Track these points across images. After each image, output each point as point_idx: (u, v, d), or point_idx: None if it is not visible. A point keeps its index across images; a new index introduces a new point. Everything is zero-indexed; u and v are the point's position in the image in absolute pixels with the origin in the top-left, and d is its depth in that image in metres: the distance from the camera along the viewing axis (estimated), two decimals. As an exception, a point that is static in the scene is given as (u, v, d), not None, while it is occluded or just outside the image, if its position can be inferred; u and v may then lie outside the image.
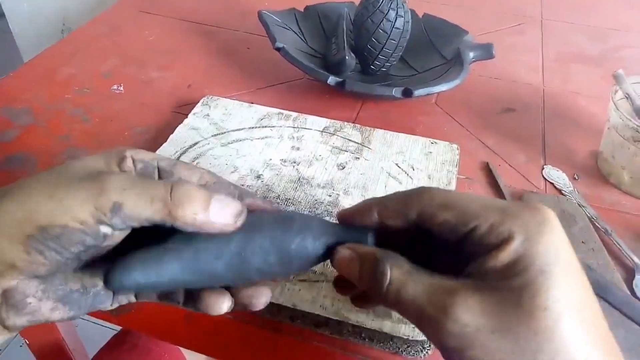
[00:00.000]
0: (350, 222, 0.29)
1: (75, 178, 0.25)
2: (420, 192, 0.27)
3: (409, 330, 0.35)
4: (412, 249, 0.27)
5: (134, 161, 0.29)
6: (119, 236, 0.26)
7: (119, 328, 0.74)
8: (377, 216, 0.28)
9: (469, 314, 0.22)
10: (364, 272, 0.27)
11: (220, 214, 0.26)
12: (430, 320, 0.23)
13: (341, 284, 0.32)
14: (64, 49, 0.71)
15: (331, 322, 0.36)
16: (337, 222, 0.30)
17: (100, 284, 0.28)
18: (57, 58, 0.69)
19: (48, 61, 0.68)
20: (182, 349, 0.66)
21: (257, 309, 0.29)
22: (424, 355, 0.35)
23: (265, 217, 0.29)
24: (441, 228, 0.25)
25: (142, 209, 0.25)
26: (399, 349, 0.36)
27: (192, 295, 0.29)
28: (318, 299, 0.37)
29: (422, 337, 0.35)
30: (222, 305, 0.29)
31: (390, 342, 0.36)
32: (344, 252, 0.28)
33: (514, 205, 0.24)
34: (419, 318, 0.24)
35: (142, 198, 0.25)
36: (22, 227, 0.23)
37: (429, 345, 0.35)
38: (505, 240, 0.23)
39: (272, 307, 0.37)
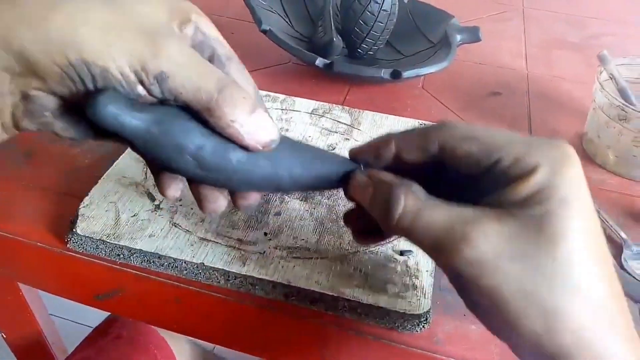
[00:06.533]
0: (364, 158, 0.29)
1: (133, 23, 0.24)
2: (441, 125, 0.27)
3: (405, 305, 0.35)
4: (428, 185, 0.27)
5: (196, 29, 0.27)
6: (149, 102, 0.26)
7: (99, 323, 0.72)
8: (394, 149, 0.28)
9: (487, 241, 0.22)
10: (378, 197, 0.27)
11: (257, 133, 0.26)
12: (447, 248, 0.23)
13: (349, 219, 0.33)
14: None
15: (326, 298, 0.36)
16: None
17: None
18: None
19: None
20: (166, 338, 0.64)
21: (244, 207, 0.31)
22: (420, 329, 0.35)
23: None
24: (463, 161, 0.25)
25: (187, 91, 0.24)
26: (395, 323, 0.35)
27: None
28: (313, 275, 0.37)
29: (418, 311, 0.35)
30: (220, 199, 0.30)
31: (387, 317, 0.35)
32: (360, 177, 0.28)
33: (537, 139, 0.25)
34: (433, 246, 0.24)
35: (191, 82, 0.24)
36: (66, 50, 0.23)
37: (426, 320, 0.35)
38: (530, 172, 0.23)
39: (266, 284, 0.37)
